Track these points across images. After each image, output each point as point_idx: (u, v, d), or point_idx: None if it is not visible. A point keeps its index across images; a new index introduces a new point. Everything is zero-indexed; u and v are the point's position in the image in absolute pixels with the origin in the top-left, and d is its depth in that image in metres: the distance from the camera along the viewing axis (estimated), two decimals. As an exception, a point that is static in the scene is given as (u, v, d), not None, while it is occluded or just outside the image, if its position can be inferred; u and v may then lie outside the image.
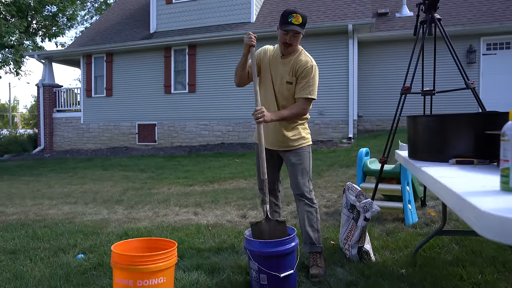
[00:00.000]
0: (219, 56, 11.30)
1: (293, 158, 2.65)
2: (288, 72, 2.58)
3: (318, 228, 2.65)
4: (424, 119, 2.04)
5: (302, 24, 2.48)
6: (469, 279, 2.30)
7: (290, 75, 2.57)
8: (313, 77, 2.55)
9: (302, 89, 2.54)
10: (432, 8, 3.18)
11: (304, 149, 2.67)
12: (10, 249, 3.26)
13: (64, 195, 6.05)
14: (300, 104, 2.56)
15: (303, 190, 2.62)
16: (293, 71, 2.57)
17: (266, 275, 2.22)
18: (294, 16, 2.46)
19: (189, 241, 3.28)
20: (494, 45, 10.15)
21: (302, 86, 2.54)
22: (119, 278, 1.85)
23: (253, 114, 2.44)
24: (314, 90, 2.57)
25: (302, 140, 2.67)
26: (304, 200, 2.63)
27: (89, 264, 2.81)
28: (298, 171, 2.63)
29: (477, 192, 1.12)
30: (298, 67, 2.55)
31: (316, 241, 2.61)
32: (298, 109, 2.55)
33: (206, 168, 8.05)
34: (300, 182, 2.62)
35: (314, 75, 2.56)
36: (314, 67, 2.57)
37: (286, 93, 2.60)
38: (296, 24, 2.46)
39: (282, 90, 2.61)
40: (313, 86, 2.55)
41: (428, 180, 1.56)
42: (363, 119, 10.94)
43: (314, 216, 2.63)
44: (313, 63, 2.58)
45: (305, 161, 2.65)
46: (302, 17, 2.48)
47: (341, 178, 5.88)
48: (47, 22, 20.12)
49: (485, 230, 0.87)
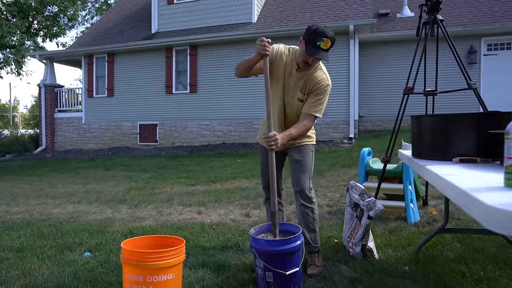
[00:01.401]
0: (220, 56, 11.34)
1: (295, 155, 2.65)
2: (300, 88, 2.53)
3: (314, 228, 2.63)
4: (428, 119, 2.08)
5: (330, 48, 2.36)
6: (471, 276, 2.34)
7: (302, 93, 2.53)
8: (325, 97, 2.52)
9: (312, 105, 2.50)
10: (435, 9, 3.22)
11: (308, 147, 2.67)
12: (17, 247, 3.29)
13: (67, 195, 6.09)
14: (306, 121, 2.51)
15: (302, 187, 2.60)
16: (306, 88, 2.52)
17: (272, 273, 2.26)
18: (324, 41, 2.30)
19: (194, 239, 3.31)
20: (495, 46, 10.19)
21: (313, 102, 2.49)
22: (129, 274, 1.89)
23: (265, 139, 2.35)
24: (323, 109, 2.53)
25: (306, 138, 2.68)
26: (301, 200, 2.60)
27: (96, 262, 2.85)
28: (299, 168, 2.63)
29: (482, 189, 1.16)
30: (313, 85, 2.50)
31: (312, 241, 2.60)
32: (304, 128, 2.51)
33: (208, 168, 8.08)
34: (301, 179, 2.61)
35: (326, 95, 2.52)
36: (329, 87, 2.52)
37: (295, 110, 2.59)
38: (324, 49, 2.33)
39: (292, 106, 2.59)
40: (322, 105, 2.52)
41: (433, 178, 1.60)
42: (364, 119, 10.98)
43: (310, 217, 2.60)
44: (328, 82, 2.52)
45: (308, 159, 2.65)
46: (332, 41, 2.33)
47: (343, 178, 5.91)
48: (48, 22, 20.15)
49: (491, 223, 0.91)
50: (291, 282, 2.28)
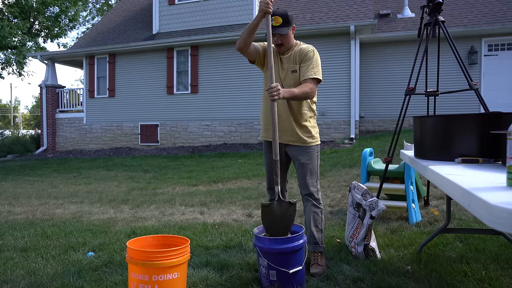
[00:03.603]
0: (221, 57, 11.36)
1: (302, 157, 2.68)
2: (291, 62, 2.65)
3: (322, 229, 2.70)
4: (431, 119, 2.10)
5: (284, 23, 2.55)
6: (473, 275, 2.35)
7: (293, 64, 2.64)
8: (315, 60, 2.60)
9: (306, 71, 2.58)
10: (436, 11, 3.24)
11: (313, 148, 2.70)
12: (21, 247, 3.31)
13: (69, 195, 6.11)
14: (308, 83, 2.55)
15: (311, 190, 2.66)
16: (295, 60, 2.64)
17: (275, 271, 2.28)
18: (274, 19, 2.55)
19: (197, 239, 3.33)
20: (496, 46, 10.20)
21: (306, 68, 2.58)
22: (135, 273, 1.91)
23: (268, 90, 2.39)
24: (319, 71, 2.60)
25: (311, 138, 2.69)
26: (312, 201, 2.67)
27: (100, 261, 2.87)
28: (306, 171, 2.66)
29: (485, 188, 1.18)
30: (300, 54, 2.62)
31: (319, 241, 2.66)
32: (307, 88, 2.52)
33: (209, 168, 8.10)
34: (309, 182, 2.66)
35: (316, 58, 2.60)
36: (314, 51, 2.63)
37: (292, 81, 2.65)
38: (277, 26, 2.55)
39: (288, 79, 2.66)
40: (316, 68, 2.59)
41: (436, 178, 1.62)
42: (365, 119, 11.00)
43: (319, 217, 2.68)
44: (312, 48, 2.65)
45: (314, 161, 2.69)
46: (281, 16, 2.55)
47: (344, 178, 5.93)
48: (49, 23, 20.19)
49: (495, 222, 0.93)
50: (294, 281, 2.30)
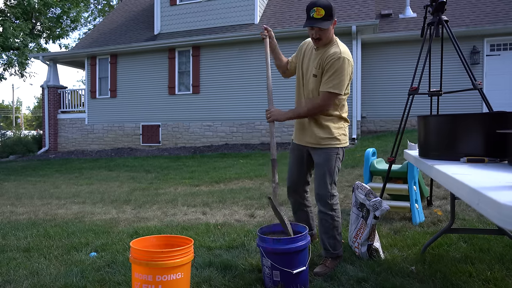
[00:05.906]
0: (223, 57, 11.36)
1: (318, 158, 2.56)
2: (315, 64, 2.48)
3: (334, 235, 2.55)
4: (435, 119, 2.08)
5: (326, 16, 2.34)
6: (478, 276, 2.34)
7: (316, 68, 2.47)
8: (339, 70, 2.37)
9: (325, 82, 2.41)
10: (440, 10, 3.23)
11: (332, 150, 2.53)
12: (24, 247, 3.31)
13: (71, 195, 6.11)
14: (320, 99, 2.42)
15: (322, 193, 2.53)
16: (320, 64, 2.46)
17: (279, 272, 2.27)
18: (315, 10, 2.33)
19: (200, 239, 3.32)
20: (498, 46, 10.18)
21: (326, 79, 2.41)
22: (138, 273, 1.90)
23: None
24: (339, 84, 2.38)
25: (331, 140, 2.53)
26: (320, 206, 2.55)
27: (102, 262, 2.86)
28: (321, 172, 2.53)
29: (493, 187, 1.17)
30: (325, 58, 2.42)
31: (330, 247, 2.55)
32: (314, 104, 2.42)
33: (211, 169, 8.10)
34: (321, 185, 2.53)
35: (340, 68, 2.37)
36: (341, 59, 2.38)
37: (311, 86, 2.52)
38: (318, 18, 2.34)
39: (308, 83, 2.54)
40: (338, 80, 2.37)
41: (441, 178, 1.61)
42: (367, 120, 10.98)
43: (329, 223, 2.53)
44: (341, 55, 2.39)
45: (331, 163, 2.52)
46: (324, 8, 2.33)
47: (347, 179, 5.92)
48: (51, 24, 20.22)
49: (504, 221, 0.92)
50: (298, 281, 2.29)
